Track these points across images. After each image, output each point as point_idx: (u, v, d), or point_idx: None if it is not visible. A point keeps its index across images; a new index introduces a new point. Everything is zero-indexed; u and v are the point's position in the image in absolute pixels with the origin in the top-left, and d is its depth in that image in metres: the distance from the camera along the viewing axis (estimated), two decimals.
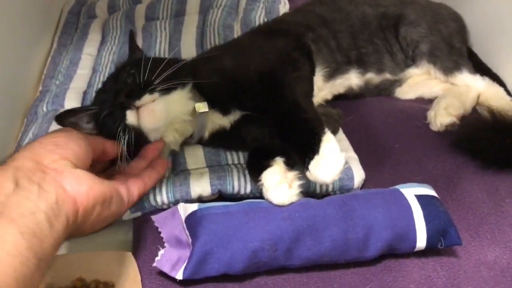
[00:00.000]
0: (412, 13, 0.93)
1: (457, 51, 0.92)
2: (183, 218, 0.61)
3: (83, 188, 0.52)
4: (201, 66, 0.75)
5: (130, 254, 0.64)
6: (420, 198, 0.64)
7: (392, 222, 0.61)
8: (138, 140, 0.65)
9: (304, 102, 0.70)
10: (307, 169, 0.62)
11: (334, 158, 0.62)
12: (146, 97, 0.64)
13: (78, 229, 0.53)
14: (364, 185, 0.75)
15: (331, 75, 0.86)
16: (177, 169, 0.75)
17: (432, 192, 0.67)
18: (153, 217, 0.64)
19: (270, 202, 0.64)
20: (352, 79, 0.89)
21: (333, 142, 0.63)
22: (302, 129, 0.66)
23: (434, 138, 0.84)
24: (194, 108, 0.70)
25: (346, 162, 0.64)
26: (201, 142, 0.78)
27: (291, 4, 1.13)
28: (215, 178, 0.72)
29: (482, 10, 0.99)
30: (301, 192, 0.65)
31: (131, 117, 0.64)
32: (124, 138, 0.63)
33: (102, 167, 0.69)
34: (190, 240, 0.59)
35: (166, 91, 0.66)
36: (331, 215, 0.61)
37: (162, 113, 0.65)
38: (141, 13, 1.12)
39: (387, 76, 0.92)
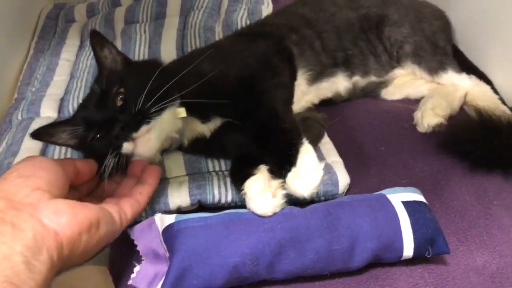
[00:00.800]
0: (395, 14, 0.91)
1: (441, 50, 0.91)
2: (160, 230, 0.59)
3: (63, 219, 0.47)
4: (184, 75, 0.71)
5: (105, 269, 0.61)
6: (407, 204, 0.62)
7: (378, 231, 0.59)
8: (126, 161, 0.64)
9: (282, 111, 0.68)
10: (284, 181, 0.61)
11: (312, 171, 0.60)
12: (143, 128, 0.62)
13: (68, 262, 0.49)
14: (349, 189, 0.73)
15: (315, 78, 0.84)
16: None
17: (420, 197, 0.65)
18: (129, 231, 0.61)
19: (253, 212, 0.61)
20: (340, 82, 0.87)
21: (311, 153, 0.62)
22: (279, 139, 0.64)
23: (420, 139, 0.82)
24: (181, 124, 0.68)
25: (325, 173, 0.63)
26: (181, 148, 0.76)
27: (274, 5, 1.11)
28: (194, 187, 0.69)
29: (467, 6, 0.97)
30: (286, 201, 0.63)
31: (127, 147, 0.62)
32: (114, 161, 0.61)
33: (87, 189, 0.65)
34: (168, 254, 0.57)
35: (158, 112, 0.64)
36: (315, 226, 0.59)
37: (157, 140, 0.65)
38: (120, 16, 1.09)
39: (372, 78, 0.91)
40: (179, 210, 0.69)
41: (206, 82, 0.69)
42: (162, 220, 0.60)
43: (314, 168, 0.61)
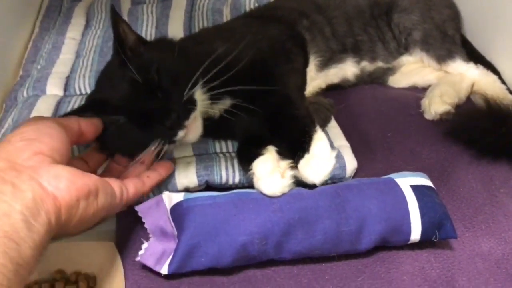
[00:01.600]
0: (405, 0, 0.90)
1: (450, 38, 0.90)
2: (168, 208, 0.59)
3: (63, 183, 0.48)
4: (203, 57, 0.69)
5: (112, 244, 0.61)
6: (416, 189, 0.62)
7: (386, 214, 0.59)
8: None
9: (295, 97, 0.67)
10: (297, 167, 0.61)
11: (324, 159, 0.60)
12: (192, 115, 0.62)
13: (64, 229, 0.49)
14: (356, 174, 0.73)
15: (325, 64, 0.84)
16: (162, 157, 0.72)
17: (428, 182, 0.65)
18: (137, 207, 0.61)
19: (261, 193, 0.61)
20: (348, 68, 0.87)
21: (324, 141, 0.62)
22: (292, 126, 0.64)
23: (427, 127, 0.82)
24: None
25: (337, 162, 0.63)
26: None
27: None
28: (202, 168, 0.69)
29: None
30: (294, 182, 0.63)
31: (181, 134, 0.61)
32: (166, 147, 0.61)
33: (95, 163, 0.65)
34: (176, 232, 0.57)
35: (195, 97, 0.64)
36: (323, 207, 0.59)
37: (201, 123, 0.65)
38: None
39: (380, 64, 0.90)
40: (187, 191, 0.69)
41: (217, 61, 0.68)
42: (170, 198, 0.60)
43: (326, 156, 0.61)
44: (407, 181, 0.63)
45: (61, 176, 0.48)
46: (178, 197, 0.60)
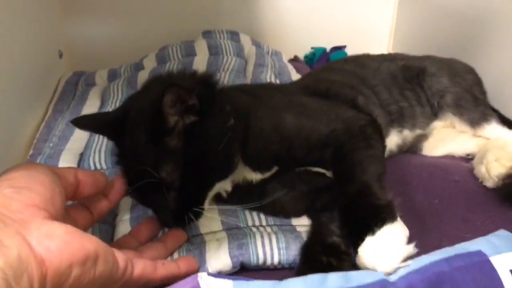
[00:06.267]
0: (432, 66, 0.90)
1: (481, 101, 0.88)
2: None
3: (55, 244, 0.39)
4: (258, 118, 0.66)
5: None
6: None
7: None
8: None
9: (377, 186, 0.60)
10: (356, 252, 0.53)
11: (395, 242, 0.52)
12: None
13: None
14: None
15: None
16: (188, 233, 0.64)
17: None
18: None
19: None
20: (393, 139, 0.83)
21: (398, 226, 0.55)
22: (365, 212, 0.57)
23: (476, 193, 0.75)
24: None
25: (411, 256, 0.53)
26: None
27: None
28: (235, 247, 0.60)
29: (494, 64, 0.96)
30: None
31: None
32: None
33: (99, 212, 0.57)
34: None
35: None
36: None
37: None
38: (144, 79, 1.06)
39: (418, 131, 0.86)
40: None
41: (282, 136, 0.65)
42: (208, 284, 0.48)
43: (397, 240, 0.53)
44: (505, 262, 0.52)
45: (54, 235, 0.40)
46: (224, 284, 0.48)
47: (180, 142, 0.57)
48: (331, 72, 0.90)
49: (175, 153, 0.56)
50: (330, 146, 0.65)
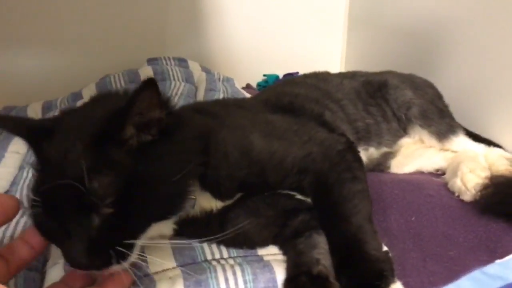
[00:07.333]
0: (394, 79, 0.87)
1: (446, 113, 0.86)
2: None
3: None
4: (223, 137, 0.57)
5: None
6: None
7: None
8: None
9: (370, 232, 0.54)
10: None
11: None
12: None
13: None
14: None
15: None
16: (135, 274, 0.53)
17: None
18: None
19: None
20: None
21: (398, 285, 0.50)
22: (366, 267, 0.51)
23: (453, 207, 0.70)
24: None
25: None
26: None
27: None
28: (192, 284, 0.51)
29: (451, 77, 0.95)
30: None
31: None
32: None
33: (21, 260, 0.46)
34: None
35: None
36: None
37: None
38: None
39: (384, 149, 0.82)
40: None
41: (249, 161, 0.56)
42: None
43: None
44: None
45: None
46: None
47: (128, 159, 0.46)
48: (293, 86, 0.84)
49: (118, 168, 0.45)
50: (308, 172, 0.58)
